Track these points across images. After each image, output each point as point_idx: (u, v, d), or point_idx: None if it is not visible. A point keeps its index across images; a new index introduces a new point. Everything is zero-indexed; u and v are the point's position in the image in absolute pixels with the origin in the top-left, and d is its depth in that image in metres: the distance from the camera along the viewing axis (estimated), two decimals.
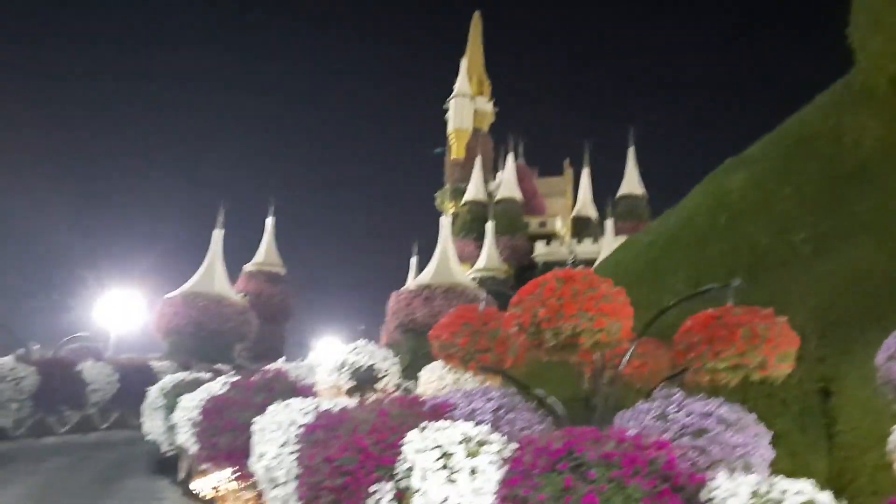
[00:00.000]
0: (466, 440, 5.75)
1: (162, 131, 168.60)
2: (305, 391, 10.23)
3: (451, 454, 5.64)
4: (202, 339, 32.96)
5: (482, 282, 48.43)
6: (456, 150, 71.38)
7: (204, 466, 10.82)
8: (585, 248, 56.31)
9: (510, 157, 64.50)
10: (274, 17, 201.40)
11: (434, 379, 12.75)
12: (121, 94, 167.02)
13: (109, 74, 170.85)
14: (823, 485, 9.22)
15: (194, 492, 11.79)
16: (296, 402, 8.18)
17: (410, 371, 15.09)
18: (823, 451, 9.48)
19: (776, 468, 8.67)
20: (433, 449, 5.70)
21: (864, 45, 11.77)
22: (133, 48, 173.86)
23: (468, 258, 56.12)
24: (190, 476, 12.41)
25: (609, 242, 49.54)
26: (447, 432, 5.84)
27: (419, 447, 5.77)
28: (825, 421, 9.58)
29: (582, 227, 64.44)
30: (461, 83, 72.99)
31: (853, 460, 8.98)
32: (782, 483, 4.66)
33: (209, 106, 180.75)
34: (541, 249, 58.77)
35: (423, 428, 6.03)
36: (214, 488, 10.69)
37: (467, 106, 72.30)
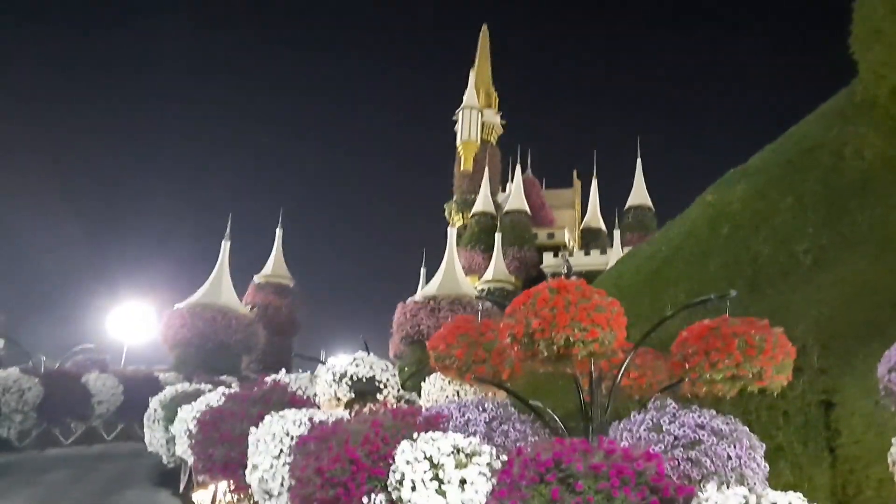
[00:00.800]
0: (456, 451, 5.72)
1: (171, 144, 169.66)
2: (302, 402, 10.19)
3: (441, 465, 5.60)
4: (208, 350, 32.96)
5: (490, 293, 48.40)
6: (464, 162, 71.47)
7: (202, 478, 10.79)
8: (594, 259, 56.14)
9: (518, 169, 64.67)
10: (284, 30, 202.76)
11: (436, 390, 12.71)
12: (131, 109, 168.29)
13: (119, 90, 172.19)
14: (827, 498, 9.15)
15: (194, 503, 11.77)
16: (290, 414, 8.14)
17: (417, 382, 15.06)
18: (826, 464, 9.38)
19: (778, 481, 8.60)
20: (423, 460, 5.66)
21: (865, 56, 11.72)
22: (142, 62, 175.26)
23: (476, 270, 56.15)
24: (190, 488, 12.38)
25: (617, 253, 49.46)
26: (437, 443, 5.80)
27: (409, 458, 5.74)
28: (827, 434, 9.48)
29: (590, 239, 64.41)
30: (469, 96, 73.19)
31: (857, 473, 8.88)
32: (772, 495, 4.60)
33: (219, 118, 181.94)
34: (549, 261, 58.63)
35: (415, 439, 6.00)
36: (212, 501, 10.66)
37: (475, 118, 72.45)
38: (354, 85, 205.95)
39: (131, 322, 39.64)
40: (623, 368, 7.81)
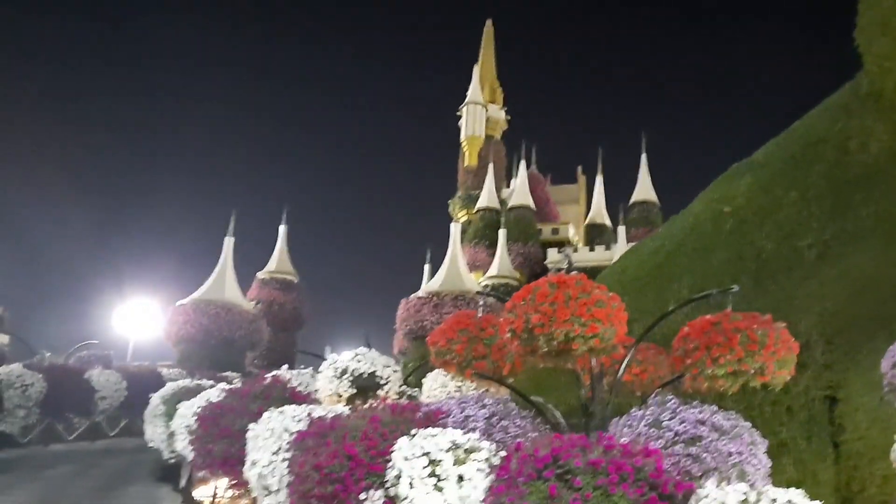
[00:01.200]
0: (454, 447, 5.67)
1: (176, 140, 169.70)
2: (301, 398, 10.16)
3: (439, 461, 5.56)
4: (212, 347, 32.89)
5: (494, 289, 48.33)
6: (469, 158, 71.26)
7: (201, 474, 10.78)
8: (599, 254, 55.96)
9: (522, 165, 64.44)
10: (288, 26, 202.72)
11: (437, 386, 12.68)
12: (136, 105, 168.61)
13: (125, 85, 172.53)
14: (831, 494, 9.10)
15: (195, 499, 11.75)
16: (289, 410, 8.10)
17: (419, 378, 15.04)
18: (830, 460, 9.33)
19: (782, 478, 8.54)
20: (421, 456, 5.62)
21: (870, 49, 11.62)
22: (148, 58, 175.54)
23: (481, 265, 56.02)
24: (191, 483, 12.37)
25: (622, 249, 49.31)
26: (435, 439, 5.75)
27: (407, 454, 5.69)
28: (831, 429, 9.42)
29: (595, 235, 64.16)
30: (473, 91, 72.90)
31: (861, 469, 8.84)
32: (772, 492, 4.54)
33: (223, 115, 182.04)
34: (553, 257, 58.43)
35: (413, 435, 5.95)
36: (212, 496, 10.65)
37: (480, 113, 72.11)
38: (358, 81, 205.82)
39: (137, 318, 39.84)
40: (625, 364, 7.76)
